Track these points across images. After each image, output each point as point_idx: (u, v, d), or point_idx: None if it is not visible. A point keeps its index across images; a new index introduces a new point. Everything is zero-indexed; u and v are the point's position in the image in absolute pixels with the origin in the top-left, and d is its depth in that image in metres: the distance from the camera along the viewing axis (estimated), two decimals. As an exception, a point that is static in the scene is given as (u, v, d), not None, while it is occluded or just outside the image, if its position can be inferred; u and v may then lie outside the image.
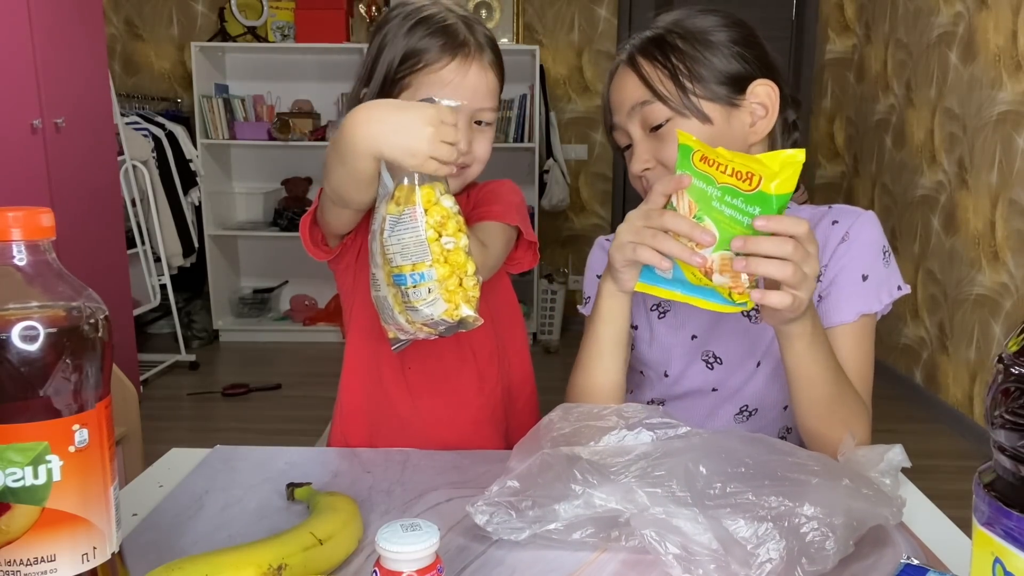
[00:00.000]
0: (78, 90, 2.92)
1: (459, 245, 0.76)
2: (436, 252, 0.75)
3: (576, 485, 0.69)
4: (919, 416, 3.35)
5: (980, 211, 3.09)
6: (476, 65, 0.97)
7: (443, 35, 0.96)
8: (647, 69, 0.97)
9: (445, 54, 0.95)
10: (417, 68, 0.96)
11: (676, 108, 0.95)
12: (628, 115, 0.98)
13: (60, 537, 0.52)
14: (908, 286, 1.01)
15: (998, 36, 2.99)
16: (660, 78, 0.96)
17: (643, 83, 0.97)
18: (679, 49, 0.96)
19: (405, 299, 0.76)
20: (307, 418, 3.01)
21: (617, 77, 1.01)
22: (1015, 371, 0.45)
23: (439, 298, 0.76)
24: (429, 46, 0.96)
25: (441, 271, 0.75)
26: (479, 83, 0.97)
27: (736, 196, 0.75)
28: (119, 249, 3.30)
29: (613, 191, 4.64)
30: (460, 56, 0.96)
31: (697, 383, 1.04)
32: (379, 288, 0.79)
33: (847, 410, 0.89)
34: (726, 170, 0.75)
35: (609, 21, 4.54)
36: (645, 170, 0.99)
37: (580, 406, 0.83)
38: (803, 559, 0.62)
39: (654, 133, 0.97)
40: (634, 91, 0.98)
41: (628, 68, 0.99)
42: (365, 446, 1.05)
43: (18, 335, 0.49)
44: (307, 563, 0.64)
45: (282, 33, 4.21)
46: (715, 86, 0.95)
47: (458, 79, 0.96)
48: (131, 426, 1.75)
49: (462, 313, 0.77)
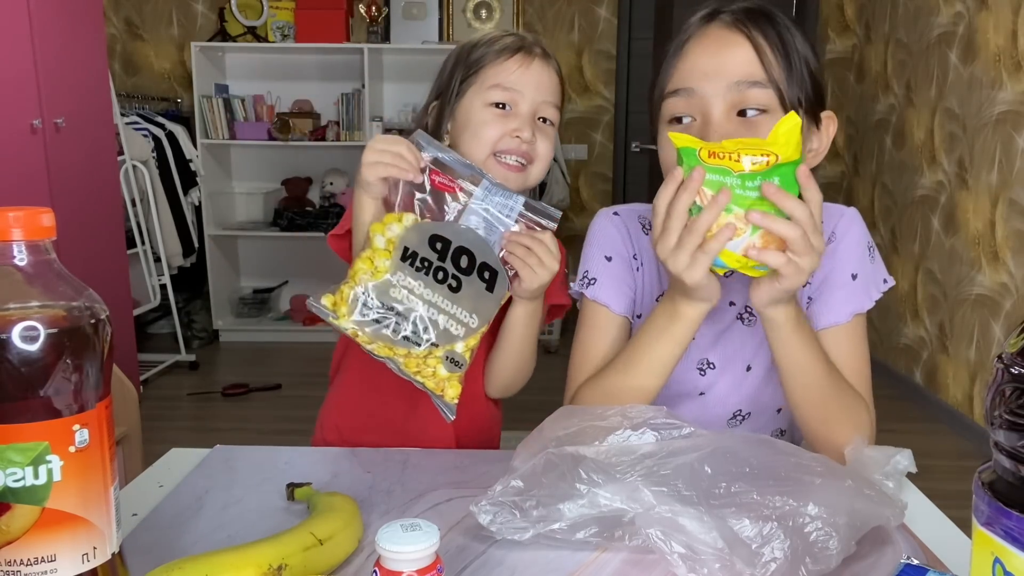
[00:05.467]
0: (78, 90, 2.92)
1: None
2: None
3: (581, 484, 0.69)
4: (919, 416, 3.35)
5: (980, 211, 3.09)
6: (539, 61, 1.03)
7: (508, 39, 1.03)
8: (762, 43, 0.84)
9: (508, 50, 1.02)
10: (486, 63, 1.02)
11: (786, 100, 0.84)
12: (728, 88, 0.84)
13: (60, 537, 0.52)
14: (892, 278, 1.01)
15: (998, 36, 2.99)
16: (776, 60, 0.84)
17: (759, 59, 0.84)
18: (784, 37, 0.85)
19: None
20: (307, 418, 3.00)
21: (721, 40, 0.86)
22: (1015, 371, 0.45)
23: None
24: (500, 47, 1.02)
25: None
26: (541, 76, 1.02)
27: (755, 178, 0.75)
28: (119, 249, 3.30)
29: (613, 191, 4.64)
30: (523, 52, 1.02)
31: (687, 387, 1.02)
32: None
33: (843, 404, 0.88)
34: (738, 158, 0.75)
35: (609, 21, 4.54)
36: None
37: (583, 407, 0.83)
38: (807, 558, 0.62)
39: (740, 118, 0.85)
40: (746, 65, 0.84)
41: (739, 35, 0.85)
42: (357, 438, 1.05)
43: (18, 335, 0.49)
44: (307, 563, 0.64)
45: (282, 33, 4.20)
46: (808, 92, 0.86)
47: (521, 68, 1.01)
48: (131, 426, 1.74)
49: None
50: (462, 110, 1.03)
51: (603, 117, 4.63)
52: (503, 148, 0.99)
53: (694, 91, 0.86)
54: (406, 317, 0.84)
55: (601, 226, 1.04)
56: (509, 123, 0.99)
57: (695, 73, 0.86)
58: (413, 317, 0.84)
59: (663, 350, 0.88)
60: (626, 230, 1.03)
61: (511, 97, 1.00)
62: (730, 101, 0.85)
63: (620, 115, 4.59)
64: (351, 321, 0.84)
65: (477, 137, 1.00)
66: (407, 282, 0.85)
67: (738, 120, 0.85)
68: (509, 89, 1.00)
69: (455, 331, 0.85)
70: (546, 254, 0.89)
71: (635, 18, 4.50)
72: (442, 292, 0.85)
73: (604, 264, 1.01)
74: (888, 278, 1.00)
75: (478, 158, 0.99)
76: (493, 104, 1.00)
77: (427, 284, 0.85)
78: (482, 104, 1.01)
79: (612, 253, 1.02)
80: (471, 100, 1.02)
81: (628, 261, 1.02)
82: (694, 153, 0.76)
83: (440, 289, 0.85)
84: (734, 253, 0.77)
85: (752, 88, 0.84)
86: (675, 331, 0.87)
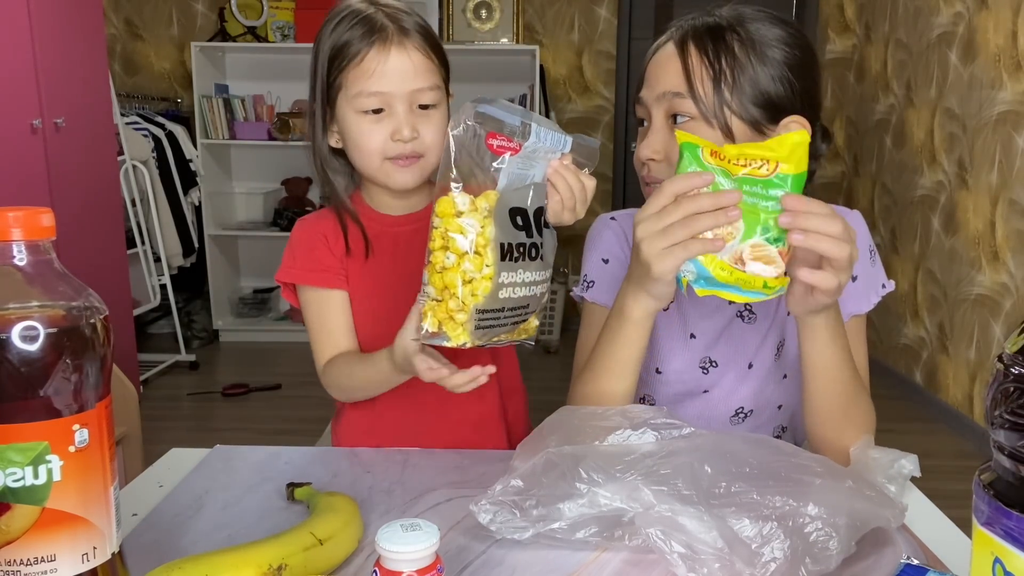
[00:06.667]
0: (78, 90, 2.92)
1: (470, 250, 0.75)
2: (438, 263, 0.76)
3: (581, 483, 0.69)
4: (919, 416, 3.35)
5: (980, 211, 3.09)
6: (396, 48, 0.96)
7: (361, 26, 0.96)
8: (693, 60, 0.91)
9: (363, 43, 0.95)
10: (343, 66, 0.97)
11: (705, 114, 0.90)
12: (657, 98, 0.93)
13: (60, 537, 0.52)
14: (892, 282, 1.01)
15: (998, 36, 2.99)
16: (703, 76, 0.90)
17: (684, 74, 0.91)
18: (732, 52, 0.90)
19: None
20: (307, 418, 3.01)
21: (661, 54, 0.95)
22: (1015, 371, 0.45)
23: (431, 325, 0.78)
24: (350, 38, 0.96)
25: (432, 291, 0.76)
26: (403, 64, 0.96)
27: (754, 184, 0.74)
28: (119, 249, 3.30)
29: (613, 191, 4.64)
30: (378, 42, 0.95)
31: (689, 385, 1.03)
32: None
33: (859, 407, 0.88)
34: (739, 161, 0.74)
35: (609, 21, 4.54)
36: (650, 159, 0.95)
37: (584, 407, 0.83)
38: (807, 559, 0.62)
39: (674, 124, 0.93)
40: (673, 78, 0.92)
41: (675, 51, 0.93)
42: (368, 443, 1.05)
43: (18, 335, 0.49)
44: (307, 563, 0.64)
45: (282, 33, 4.20)
46: (751, 105, 0.89)
47: (379, 66, 0.95)
48: (131, 426, 1.74)
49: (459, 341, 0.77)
50: (340, 121, 0.99)
51: (603, 117, 4.63)
52: (390, 154, 0.98)
53: (642, 99, 0.96)
54: (516, 307, 0.79)
55: (598, 231, 1.08)
56: (387, 126, 0.97)
57: (645, 84, 0.96)
58: (520, 302, 0.79)
59: (621, 354, 0.88)
60: (623, 233, 1.06)
61: (381, 100, 0.96)
62: (664, 109, 0.93)
63: (620, 115, 4.59)
64: (469, 337, 0.77)
65: (361, 150, 0.98)
66: (511, 279, 0.78)
67: (671, 125, 0.93)
68: (374, 93, 0.95)
69: (544, 289, 0.82)
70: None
71: (635, 18, 4.50)
72: (536, 265, 0.80)
73: (602, 266, 1.05)
74: (887, 283, 1.00)
75: (371, 169, 0.99)
76: (364, 112, 0.97)
77: (525, 268, 0.79)
78: (354, 113, 0.97)
79: (609, 256, 1.05)
80: (344, 110, 0.98)
81: (625, 263, 1.03)
82: (696, 151, 0.77)
83: (534, 264, 0.80)
84: (718, 259, 0.75)
85: (675, 98, 0.91)
86: (627, 333, 0.87)
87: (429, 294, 0.77)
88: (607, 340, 0.90)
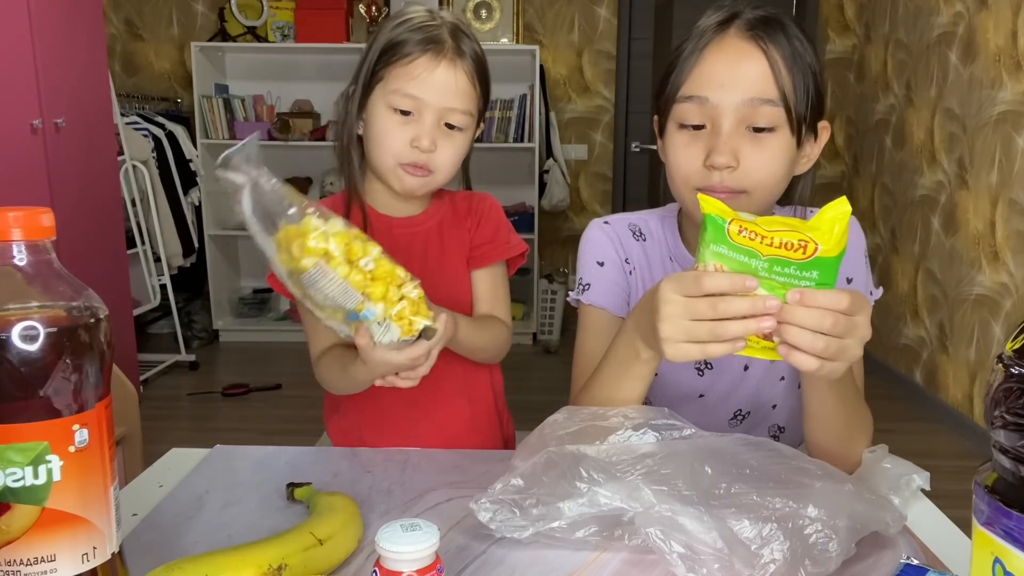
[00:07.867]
0: (78, 90, 2.92)
1: (376, 256, 0.76)
2: (362, 284, 0.75)
3: (581, 483, 0.69)
4: (919, 416, 3.35)
5: (980, 211, 3.09)
6: (446, 63, 0.98)
7: (422, 32, 0.98)
8: (776, 58, 0.82)
9: (418, 48, 0.97)
10: (392, 61, 0.98)
11: (794, 119, 0.82)
12: (739, 103, 0.83)
13: (60, 537, 0.52)
14: (880, 289, 1.01)
15: (998, 36, 2.99)
16: (789, 76, 0.82)
17: (773, 76, 0.82)
18: (799, 53, 0.82)
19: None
20: (307, 418, 3.01)
21: (738, 51, 0.84)
22: (1015, 371, 0.45)
23: (391, 325, 0.78)
24: (406, 39, 0.98)
25: (377, 297, 0.76)
26: (447, 80, 0.98)
27: (788, 265, 0.67)
28: (119, 249, 3.30)
29: (613, 191, 4.64)
30: (432, 52, 0.97)
31: (684, 388, 1.03)
32: (340, 329, 0.81)
33: (861, 423, 0.88)
34: (772, 242, 0.67)
35: (609, 21, 4.54)
36: (728, 167, 0.84)
37: (585, 408, 0.83)
38: (806, 560, 0.62)
39: (753, 133, 0.84)
40: (760, 82, 0.83)
41: (756, 48, 0.83)
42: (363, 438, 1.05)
43: (18, 335, 0.49)
44: (307, 563, 0.64)
45: (282, 33, 4.20)
46: (803, 108, 0.84)
47: (425, 74, 0.97)
48: (131, 426, 1.74)
49: (417, 327, 0.79)
50: (369, 109, 1.01)
51: (603, 117, 4.63)
52: (405, 159, 0.99)
53: (708, 100, 0.85)
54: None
55: (592, 235, 1.06)
56: (410, 131, 0.98)
57: (712, 82, 0.85)
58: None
59: (627, 387, 0.83)
60: (616, 237, 1.05)
61: (413, 104, 0.98)
62: (741, 115, 0.84)
63: (620, 115, 4.59)
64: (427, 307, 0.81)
65: (381, 146, 1.00)
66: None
67: (748, 135, 0.85)
68: (411, 96, 0.97)
69: None
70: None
71: (635, 18, 4.49)
72: None
73: (597, 269, 1.04)
74: (875, 290, 1.00)
75: (384, 167, 1.01)
76: (395, 110, 0.98)
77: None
78: (385, 107, 0.99)
79: (604, 259, 1.04)
80: (376, 99, 1.00)
81: (620, 265, 1.03)
82: (723, 228, 0.68)
83: None
84: None
85: (763, 106, 0.83)
86: (637, 371, 0.82)
87: (377, 321, 0.78)
88: (615, 373, 0.84)
